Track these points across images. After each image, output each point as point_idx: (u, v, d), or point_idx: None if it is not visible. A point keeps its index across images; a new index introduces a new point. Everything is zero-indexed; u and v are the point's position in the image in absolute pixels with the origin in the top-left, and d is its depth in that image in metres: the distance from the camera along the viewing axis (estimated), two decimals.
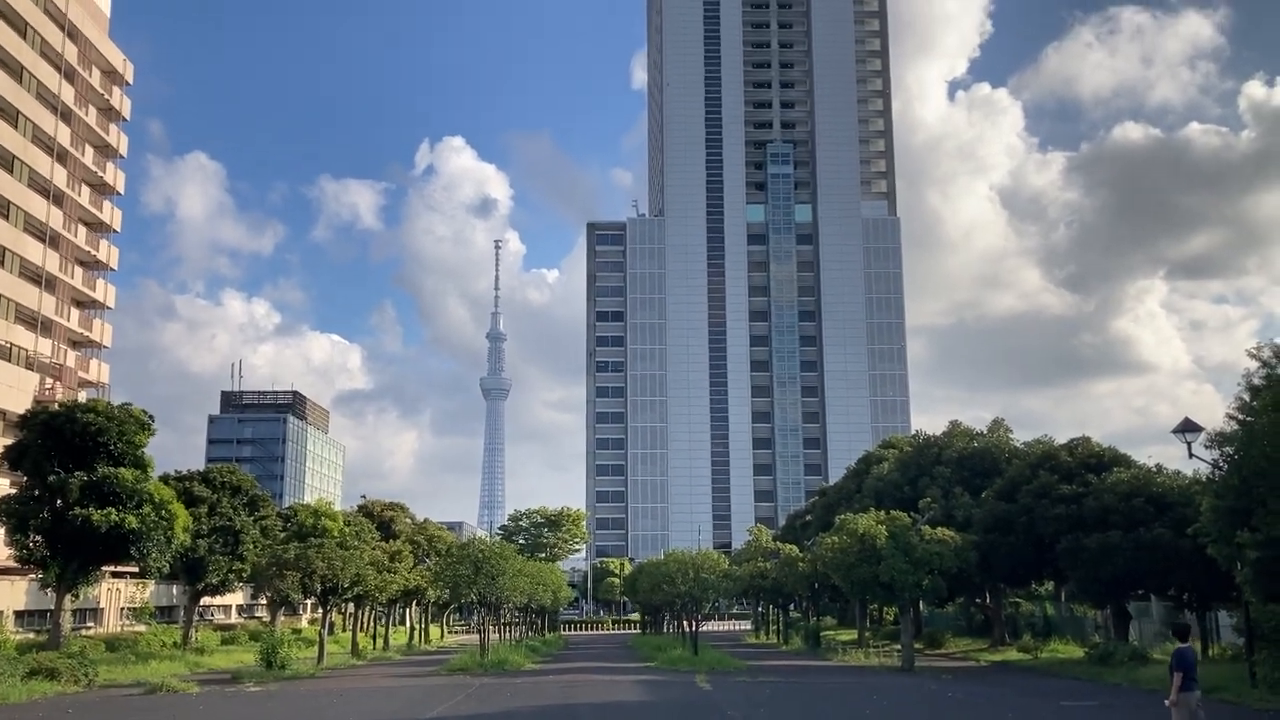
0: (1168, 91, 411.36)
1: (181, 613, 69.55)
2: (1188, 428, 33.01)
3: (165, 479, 57.53)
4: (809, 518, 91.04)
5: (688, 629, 63.09)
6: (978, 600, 67.35)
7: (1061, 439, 54.84)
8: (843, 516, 50.05)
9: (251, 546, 61.76)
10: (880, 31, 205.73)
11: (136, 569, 51.78)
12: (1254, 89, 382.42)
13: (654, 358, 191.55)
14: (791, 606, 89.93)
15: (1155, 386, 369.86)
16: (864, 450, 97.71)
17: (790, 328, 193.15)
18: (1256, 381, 31.03)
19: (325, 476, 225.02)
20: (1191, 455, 33.17)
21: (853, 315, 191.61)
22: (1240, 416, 31.44)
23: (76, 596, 53.54)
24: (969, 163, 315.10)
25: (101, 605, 67.07)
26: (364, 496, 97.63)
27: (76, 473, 46.08)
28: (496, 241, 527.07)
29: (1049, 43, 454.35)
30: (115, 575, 65.59)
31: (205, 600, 71.98)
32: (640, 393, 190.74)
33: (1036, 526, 47.99)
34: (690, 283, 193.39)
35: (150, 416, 49.68)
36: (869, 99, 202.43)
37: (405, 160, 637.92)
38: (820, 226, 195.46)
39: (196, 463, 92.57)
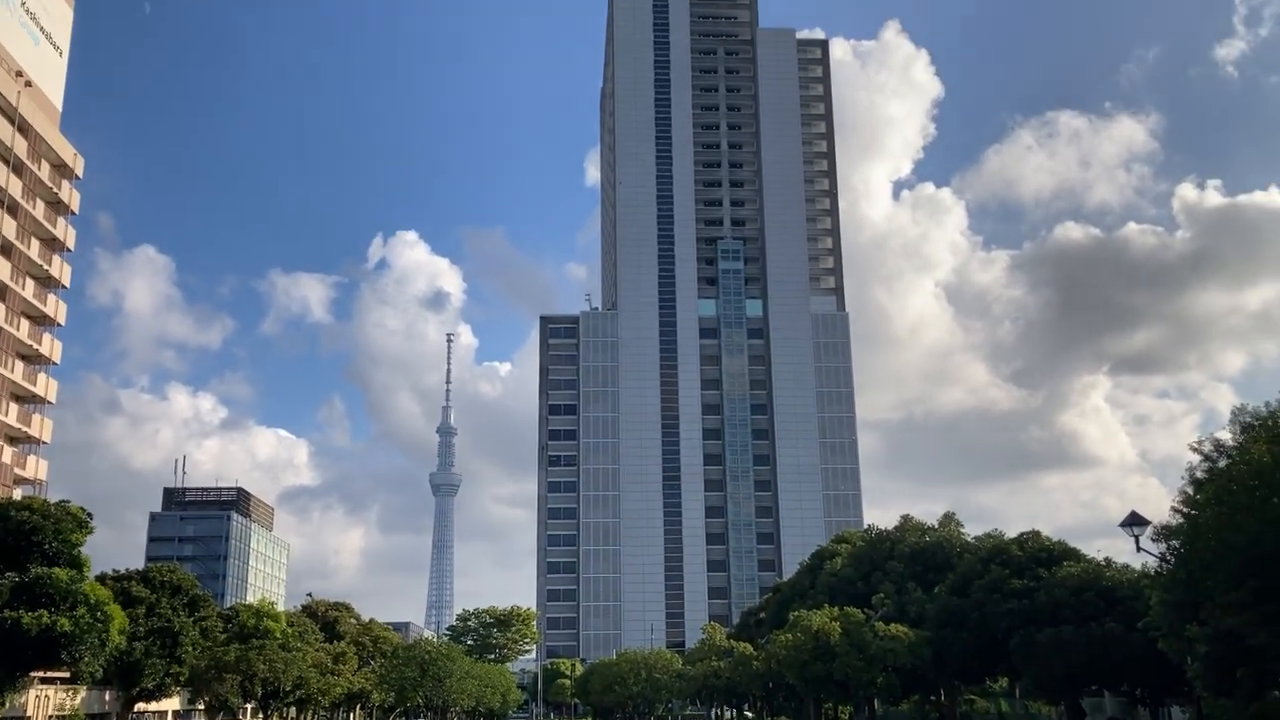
0: (1105, 193, 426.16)
1: None
2: (1134, 521, 33.34)
3: (102, 578, 55.79)
4: (763, 614, 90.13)
5: None
6: (933, 697, 66.68)
7: (1012, 533, 55.21)
8: (796, 613, 49.69)
9: (190, 648, 59.78)
10: (826, 133, 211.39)
11: (67, 674, 49.78)
12: (1186, 191, 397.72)
13: (607, 451, 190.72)
14: (746, 706, 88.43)
15: (1103, 480, 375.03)
16: (817, 545, 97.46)
17: (743, 421, 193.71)
18: (1199, 475, 31.52)
19: (268, 575, 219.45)
20: (1139, 549, 33.46)
21: (804, 409, 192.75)
22: (1185, 510, 31.84)
23: (1, 705, 51.27)
24: (915, 260, 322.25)
25: (29, 714, 64.14)
26: (309, 595, 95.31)
27: (8, 573, 44.53)
28: (449, 335, 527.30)
29: (990, 145, 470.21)
30: (44, 681, 62.93)
31: (140, 706, 69.16)
32: (593, 487, 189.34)
33: (989, 621, 47.90)
34: (643, 376, 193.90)
35: (88, 514, 48.37)
36: (816, 198, 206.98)
37: (358, 254, 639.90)
38: (771, 321, 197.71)
39: (136, 561, 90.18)
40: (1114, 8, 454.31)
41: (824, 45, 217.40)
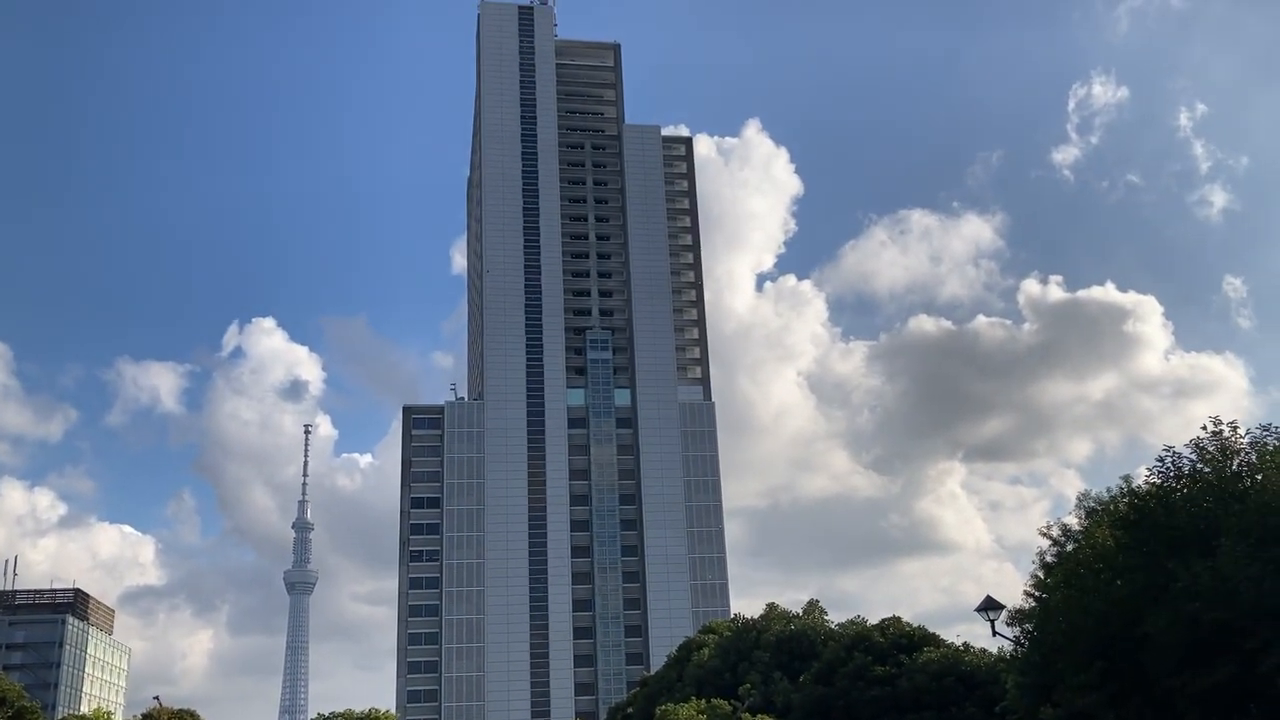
0: (956, 287, 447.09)
1: None
2: (989, 605, 34.01)
3: None
4: (630, 710, 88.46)
5: None
6: None
7: (874, 619, 55.85)
8: (663, 708, 48.87)
9: None
10: (691, 226, 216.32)
11: None
12: (1031, 286, 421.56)
13: (471, 545, 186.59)
14: None
15: (960, 565, 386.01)
16: (685, 636, 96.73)
17: (611, 511, 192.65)
18: (1049, 559, 32.50)
19: (106, 683, 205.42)
20: (995, 633, 34.09)
21: (672, 498, 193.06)
22: (1036, 593, 32.69)
23: None
24: (777, 350, 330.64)
25: None
26: (156, 698, 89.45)
27: None
28: (306, 426, 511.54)
29: (847, 240, 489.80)
30: None
31: None
32: (456, 583, 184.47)
33: (854, 710, 48.05)
34: (510, 467, 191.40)
35: None
36: (683, 289, 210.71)
37: (212, 342, 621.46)
38: (639, 410, 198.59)
39: None
40: (960, 112, 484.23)
41: (688, 142, 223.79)
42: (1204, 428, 31.19)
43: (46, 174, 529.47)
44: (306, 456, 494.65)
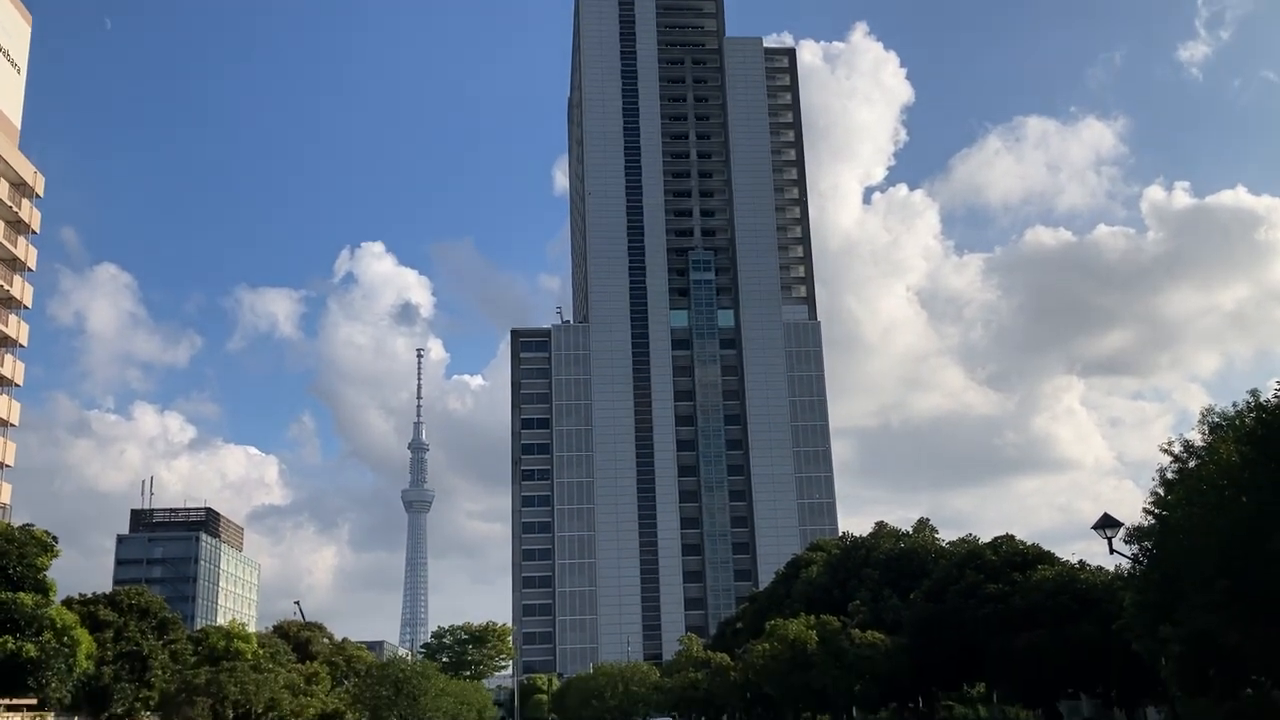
0: (1075, 196, 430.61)
1: None
2: (1107, 523, 33.46)
3: (69, 603, 54.89)
4: (740, 624, 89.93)
5: None
6: (911, 704, 66.66)
7: (987, 538, 55.22)
8: (773, 622, 49.55)
9: (160, 672, 58.86)
10: (796, 140, 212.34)
11: (34, 700, 48.87)
12: (1155, 193, 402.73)
13: (581, 465, 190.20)
14: (724, 717, 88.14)
15: (1077, 483, 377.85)
16: (793, 554, 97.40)
17: (716, 432, 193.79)
18: (1170, 476, 31.67)
19: (240, 597, 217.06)
20: (1113, 551, 33.57)
21: (778, 419, 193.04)
22: (1156, 511, 31.98)
23: None
24: (885, 265, 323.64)
25: None
26: (297, 603, 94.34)
27: None
28: (419, 350, 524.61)
29: (958, 150, 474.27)
30: (10, 709, 61.80)
31: None
32: (567, 501, 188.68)
33: (965, 627, 47.92)
34: (616, 389, 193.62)
35: (53, 538, 47.55)
36: (787, 205, 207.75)
37: (324, 268, 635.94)
38: (743, 331, 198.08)
39: (104, 585, 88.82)
40: (1078, 12, 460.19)
41: (791, 53, 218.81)
42: None
43: (162, 108, 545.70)
44: (420, 379, 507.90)
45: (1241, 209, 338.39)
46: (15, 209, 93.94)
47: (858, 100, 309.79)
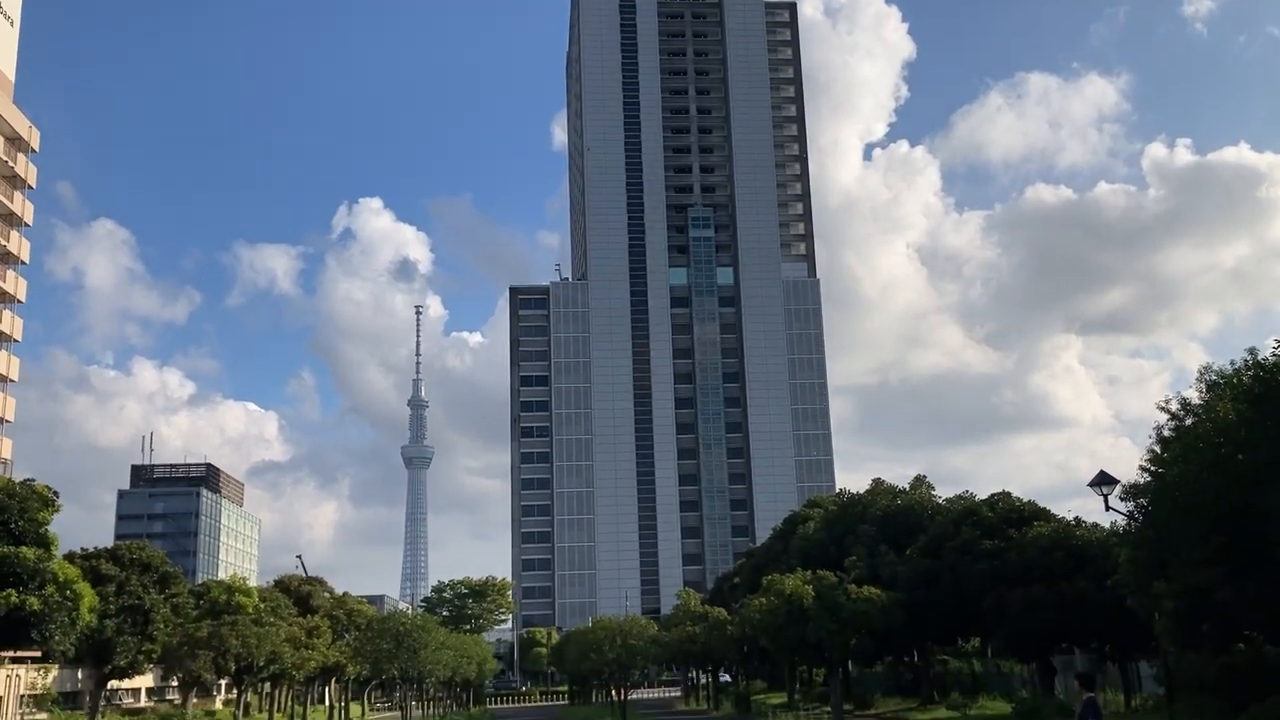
0: (1076, 153, 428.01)
1: (87, 698, 66.35)
2: (1103, 480, 33.65)
3: (71, 557, 55.24)
4: (737, 580, 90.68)
5: (617, 698, 62.08)
6: (906, 659, 67.43)
7: (983, 495, 55.55)
8: (770, 577, 49.93)
9: (162, 626, 59.39)
10: (796, 96, 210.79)
11: (38, 653, 49.37)
12: (1156, 150, 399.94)
13: (579, 422, 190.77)
14: (722, 671, 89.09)
15: (1075, 441, 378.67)
16: (790, 510, 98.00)
17: (715, 389, 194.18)
18: (1166, 433, 31.77)
19: (240, 551, 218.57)
20: (1108, 508, 33.78)
21: (776, 376, 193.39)
22: (1152, 468, 32.12)
23: None
24: (885, 222, 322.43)
25: (1, 693, 63.67)
26: (299, 556, 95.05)
27: None
28: (417, 307, 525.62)
29: (959, 107, 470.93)
30: (15, 660, 62.43)
31: (113, 684, 68.86)
32: (566, 458, 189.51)
33: (961, 582, 48.34)
34: (614, 346, 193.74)
35: (54, 492, 47.68)
36: (786, 162, 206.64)
37: (322, 224, 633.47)
38: (742, 288, 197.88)
39: (105, 540, 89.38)
40: None
41: (792, 7, 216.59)
42: None
43: (159, 62, 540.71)
44: (419, 336, 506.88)
45: (1244, 166, 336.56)
46: (11, 164, 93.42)
47: (859, 55, 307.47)
